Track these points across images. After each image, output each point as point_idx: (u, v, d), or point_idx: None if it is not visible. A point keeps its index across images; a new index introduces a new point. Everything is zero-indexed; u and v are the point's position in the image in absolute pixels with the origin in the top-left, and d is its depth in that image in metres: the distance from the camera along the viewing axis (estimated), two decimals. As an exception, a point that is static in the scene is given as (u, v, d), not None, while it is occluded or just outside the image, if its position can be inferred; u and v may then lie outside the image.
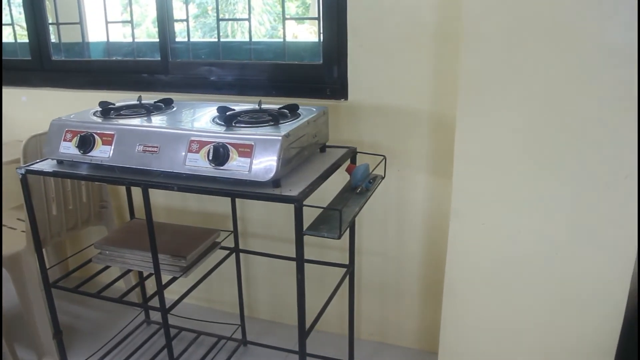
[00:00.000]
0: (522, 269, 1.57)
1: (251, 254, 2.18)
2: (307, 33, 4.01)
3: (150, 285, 2.24)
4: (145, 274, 2.24)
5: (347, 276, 1.88)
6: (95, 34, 2.63)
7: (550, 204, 1.48)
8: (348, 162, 1.72)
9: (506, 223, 1.54)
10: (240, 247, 2.16)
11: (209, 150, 1.44)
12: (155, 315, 2.41)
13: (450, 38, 1.74)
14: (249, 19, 2.24)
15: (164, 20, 2.18)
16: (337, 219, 1.41)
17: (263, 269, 2.33)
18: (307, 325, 1.53)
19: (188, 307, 2.44)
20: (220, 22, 2.47)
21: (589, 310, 1.56)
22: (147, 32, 4.30)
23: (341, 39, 1.89)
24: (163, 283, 1.66)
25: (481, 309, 1.65)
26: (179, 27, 2.27)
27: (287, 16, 2.63)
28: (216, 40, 2.31)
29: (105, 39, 2.46)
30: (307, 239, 1.39)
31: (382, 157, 1.75)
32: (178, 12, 2.28)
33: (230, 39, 3.65)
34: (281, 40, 2.17)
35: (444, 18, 1.74)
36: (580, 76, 1.37)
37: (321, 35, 1.95)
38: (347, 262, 1.89)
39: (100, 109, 1.75)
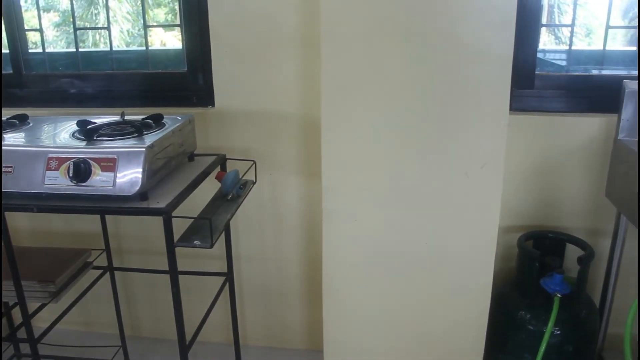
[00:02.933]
0: (395, 261, 1.63)
1: (124, 270, 2.11)
2: (175, 40, 3.93)
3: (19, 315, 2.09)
4: (11, 304, 2.09)
5: (227, 284, 1.86)
6: None
7: (417, 196, 1.55)
8: (218, 169, 1.71)
9: (377, 218, 1.59)
10: (117, 264, 2.07)
11: (69, 167, 1.36)
12: (27, 347, 2.25)
13: (313, 41, 1.77)
14: (108, 28, 2.16)
15: (14, 29, 2.05)
16: (208, 228, 1.39)
17: (142, 285, 2.25)
18: (189, 338, 1.50)
19: (63, 333, 2.30)
20: (84, 31, 2.36)
21: (459, 294, 1.65)
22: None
23: (204, 46, 1.87)
24: (32, 311, 1.56)
25: (360, 303, 1.70)
26: (37, 37, 2.14)
27: (152, 23, 2.57)
28: (74, 50, 2.20)
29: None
30: (183, 250, 1.37)
31: (252, 162, 1.75)
32: (35, 20, 2.15)
33: (94, 49, 3.50)
34: (145, 48, 2.11)
35: (306, 22, 1.77)
36: (436, 73, 1.45)
37: (184, 42, 1.92)
38: (225, 270, 1.87)
39: (-58, 130, 1.61)
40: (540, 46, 2.16)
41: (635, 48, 1.96)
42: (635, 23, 1.93)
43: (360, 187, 1.57)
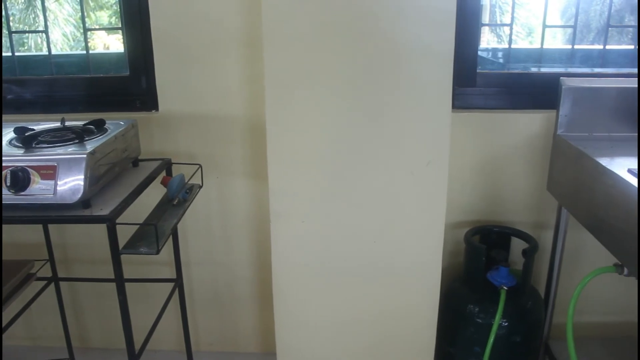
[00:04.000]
0: (344, 261, 1.64)
1: (69, 280, 2.05)
2: (119, 44, 3.85)
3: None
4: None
5: (177, 290, 1.83)
6: None
7: (363, 196, 1.57)
8: (163, 174, 1.68)
9: (325, 219, 1.60)
10: (62, 274, 2.02)
11: (6, 176, 1.32)
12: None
13: (256, 42, 1.77)
14: (45, 31, 2.10)
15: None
16: (154, 234, 1.37)
17: (89, 295, 2.20)
18: (138, 347, 1.47)
19: (8, 350, 2.23)
20: (23, 34, 2.28)
21: (409, 291, 1.67)
22: None
23: (147, 49, 1.84)
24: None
25: (311, 304, 1.70)
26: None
27: (95, 26, 2.51)
28: (10, 54, 2.13)
29: None
30: (130, 257, 1.34)
31: (198, 166, 1.73)
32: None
33: (32, 53, 3.39)
34: (85, 52, 2.06)
35: (249, 23, 1.77)
36: (377, 73, 1.46)
37: (126, 45, 1.88)
38: (175, 276, 1.85)
39: None
40: (484, 45, 2.21)
41: (569, 46, 2.04)
42: (572, 23, 2.00)
43: (307, 187, 1.57)
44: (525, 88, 1.94)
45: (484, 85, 1.92)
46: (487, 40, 2.40)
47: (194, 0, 1.77)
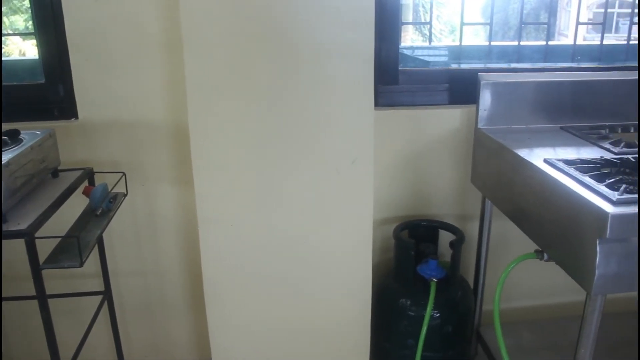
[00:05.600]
0: (275, 263, 1.63)
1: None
2: (36, 49, 3.69)
3: None
4: None
5: (105, 302, 1.78)
6: None
7: (290, 197, 1.57)
8: (85, 184, 1.63)
9: (254, 221, 1.59)
10: (-19, 294, 1.92)
11: None
12: None
13: (177, 46, 1.73)
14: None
15: None
16: (76, 246, 1.32)
17: (12, 314, 2.09)
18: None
19: None
20: None
21: (341, 291, 1.69)
22: None
23: (62, 55, 1.77)
24: None
25: (244, 307, 1.69)
26: None
27: (9, 31, 2.40)
28: None
29: None
30: (54, 271, 1.31)
31: (122, 174, 1.69)
32: None
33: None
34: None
35: (168, 27, 1.73)
36: (299, 73, 1.46)
37: (40, 52, 1.81)
38: (103, 288, 1.79)
39: None
40: (409, 43, 2.26)
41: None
42: (484, 20, 2.07)
43: (234, 191, 1.56)
44: (447, 84, 1.99)
45: (407, 82, 1.96)
46: (411, 39, 2.44)
47: (111, 3, 1.72)
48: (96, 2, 1.70)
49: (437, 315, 1.81)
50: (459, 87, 1.98)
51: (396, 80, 1.94)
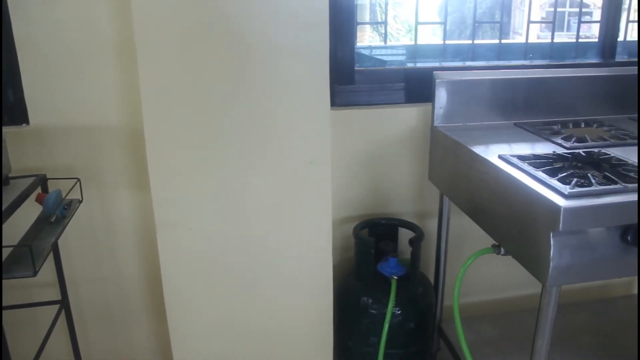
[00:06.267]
0: (235, 266, 1.63)
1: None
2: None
3: None
4: None
5: (63, 311, 1.74)
6: None
7: (249, 199, 1.56)
8: (38, 191, 1.59)
9: (212, 224, 1.58)
10: None
11: None
12: None
13: (131, 49, 1.70)
14: None
15: None
16: (29, 255, 1.29)
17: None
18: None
19: None
20: None
21: (302, 292, 1.70)
22: None
23: (11, 59, 1.72)
24: None
25: (205, 310, 1.68)
26: None
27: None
28: None
29: None
30: (9, 282, 1.30)
31: (76, 180, 1.65)
32: None
33: None
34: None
35: (122, 30, 1.70)
36: (254, 76, 1.46)
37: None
38: (60, 297, 1.76)
39: None
40: (367, 43, 2.27)
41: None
42: (449, 20, 2.10)
43: (191, 194, 1.54)
44: (403, 83, 2.01)
45: (363, 82, 1.97)
46: (369, 39, 2.46)
47: (61, 4, 1.68)
48: (44, 4, 1.66)
49: (399, 312, 1.82)
50: (415, 86, 2.00)
51: (352, 80, 1.95)
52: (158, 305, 2.02)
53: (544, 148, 1.58)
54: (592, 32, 2.33)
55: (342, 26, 1.88)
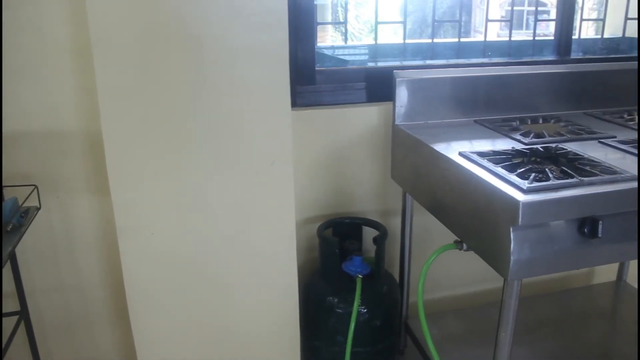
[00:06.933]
0: (199, 269, 1.62)
1: None
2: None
3: None
4: None
5: (22, 323, 1.70)
6: None
7: (211, 202, 1.55)
8: (-7, 199, 1.56)
9: (175, 228, 1.56)
10: None
11: None
12: None
13: (88, 52, 1.67)
14: None
15: None
16: (-16, 265, 1.26)
17: None
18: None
19: None
20: None
21: (268, 293, 1.69)
22: None
23: (-39, 65, 1.68)
24: None
25: (169, 315, 1.66)
26: None
27: None
28: None
29: None
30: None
31: (33, 187, 1.61)
32: None
33: None
34: None
35: (78, 32, 1.67)
36: (213, 77, 1.45)
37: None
38: (18, 308, 1.71)
39: None
40: (330, 43, 2.28)
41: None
42: (410, 19, 2.11)
43: (152, 199, 1.52)
44: (364, 82, 2.02)
45: (324, 82, 1.98)
46: (332, 39, 2.46)
47: (9, 8, 1.63)
48: (-3, 8, 1.62)
49: (365, 310, 1.83)
50: (376, 85, 2.02)
51: (313, 80, 1.95)
52: (122, 312, 1.99)
53: (503, 144, 1.61)
54: (549, 30, 2.38)
55: (302, 26, 1.88)
